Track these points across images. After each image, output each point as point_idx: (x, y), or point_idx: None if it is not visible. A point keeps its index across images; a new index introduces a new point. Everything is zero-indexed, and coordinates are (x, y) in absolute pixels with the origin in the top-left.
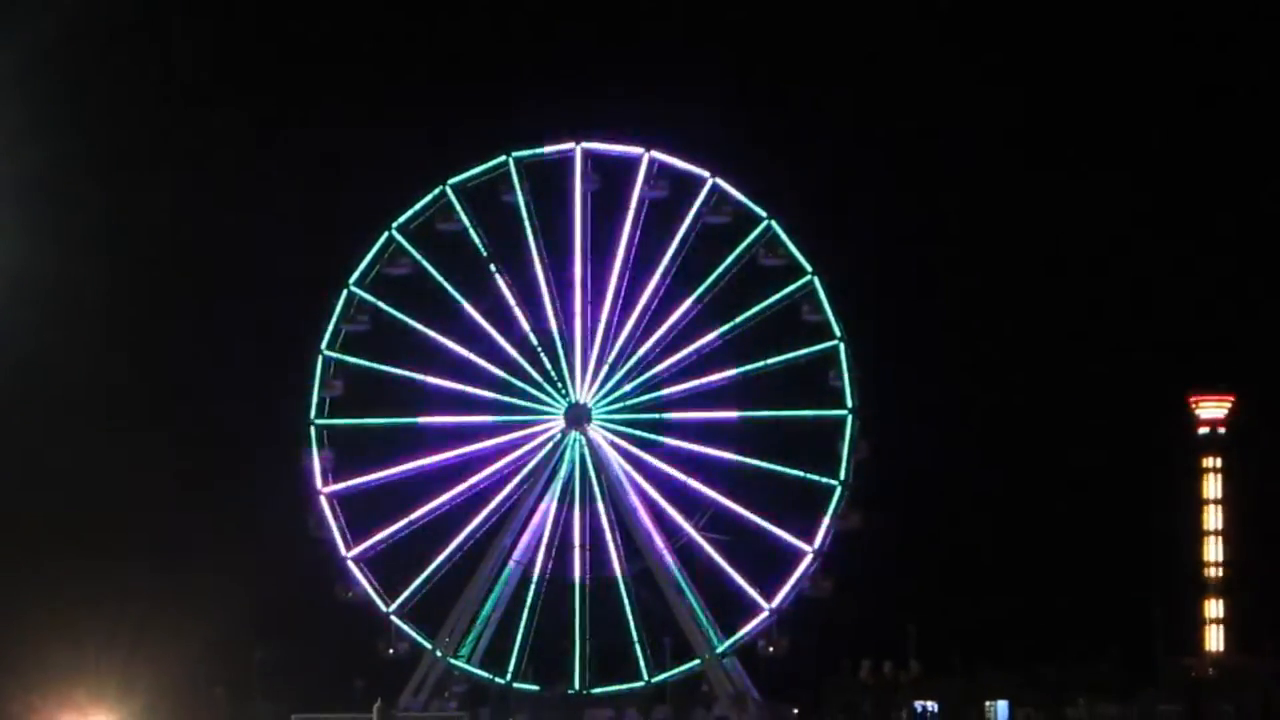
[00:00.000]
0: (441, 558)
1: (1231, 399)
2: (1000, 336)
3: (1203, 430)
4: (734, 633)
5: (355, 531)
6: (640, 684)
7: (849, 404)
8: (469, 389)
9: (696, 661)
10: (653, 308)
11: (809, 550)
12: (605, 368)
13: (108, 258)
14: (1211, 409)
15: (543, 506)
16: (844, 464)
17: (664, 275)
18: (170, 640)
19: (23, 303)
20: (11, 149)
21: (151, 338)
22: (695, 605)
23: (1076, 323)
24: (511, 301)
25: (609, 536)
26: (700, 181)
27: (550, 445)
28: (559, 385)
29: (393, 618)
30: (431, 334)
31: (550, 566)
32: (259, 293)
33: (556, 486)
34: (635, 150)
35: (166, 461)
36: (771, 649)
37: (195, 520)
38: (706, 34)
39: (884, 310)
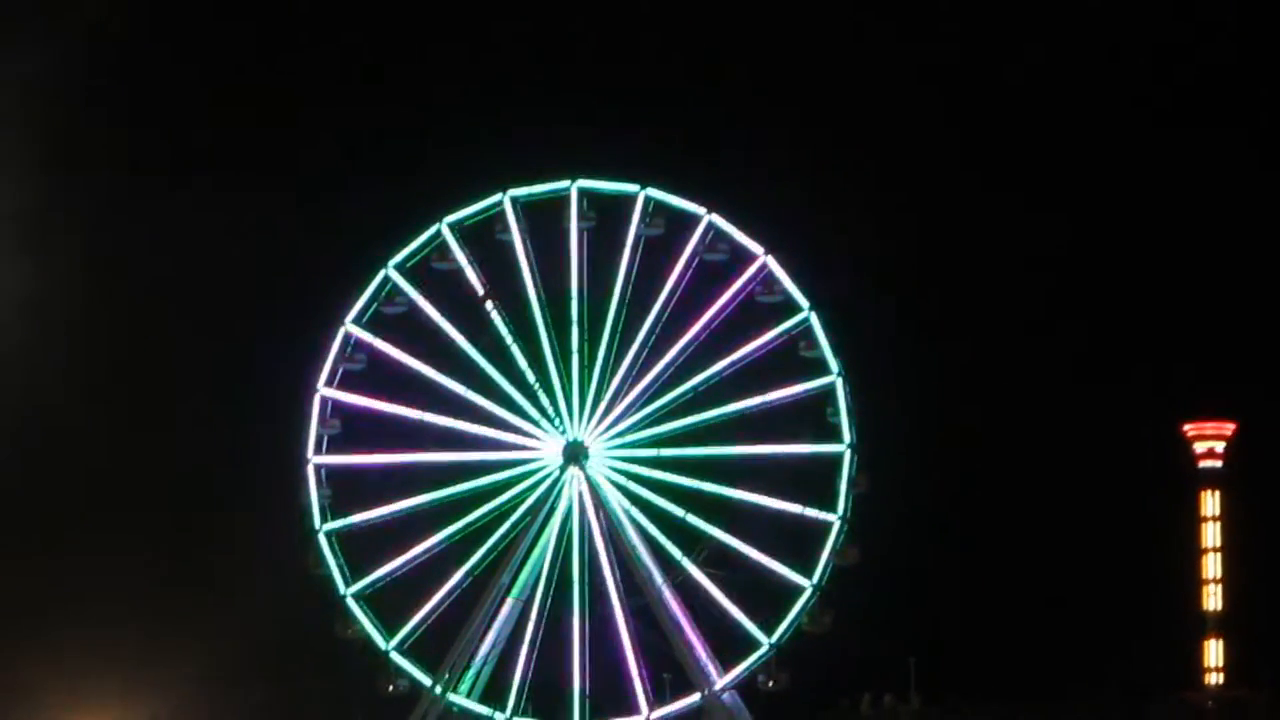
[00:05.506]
0: (440, 594)
1: (1231, 429)
2: (999, 371)
3: (1202, 464)
4: (733, 668)
5: (354, 568)
6: (640, 719)
7: (847, 439)
8: (466, 427)
9: (696, 697)
10: (650, 345)
11: (808, 585)
12: (602, 405)
13: (100, 294)
14: (1209, 441)
15: (541, 543)
16: (842, 499)
17: (660, 312)
18: (167, 677)
19: (15, 336)
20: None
21: (147, 376)
22: (694, 640)
23: (1077, 356)
24: (508, 339)
25: (607, 572)
26: (696, 219)
27: (548, 482)
28: (556, 422)
29: (392, 654)
30: (428, 372)
31: (549, 603)
32: (256, 331)
33: (554, 523)
34: (631, 188)
35: (164, 500)
36: (771, 684)
37: (192, 558)
38: (702, 71)
39: (882, 345)
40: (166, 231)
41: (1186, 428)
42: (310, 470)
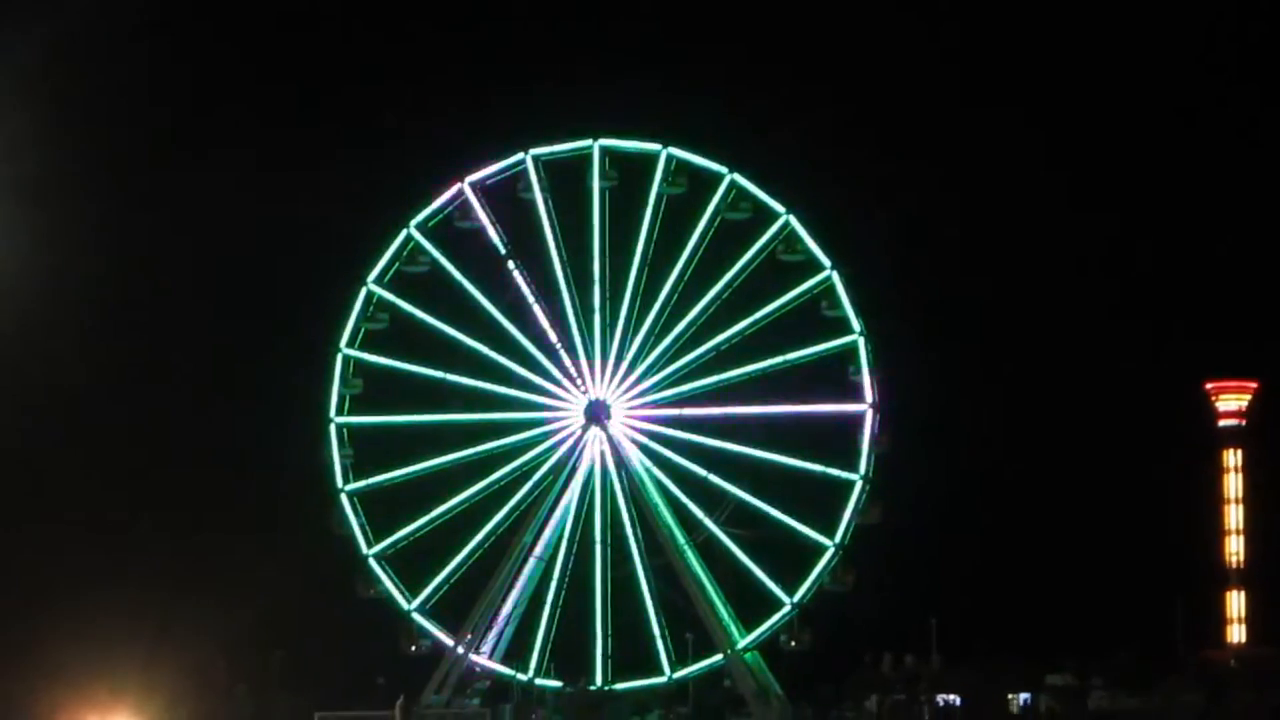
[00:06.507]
0: (462, 555)
1: (1254, 387)
2: (1020, 329)
3: (1223, 422)
4: (756, 627)
5: (376, 529)
6: (662, 679)
7: (869, 398)
8: (488, 386)
9: (719, 657)
10: (671, 304)
11: (830, 544)
12: (624, 364)
13: (124, 256)
14: (1231, 400)
15: (563, 503)
16: (864, 458)
17: (682, 271)
18: (191, 638)
19: (37, 300)
20: (34, 140)
21: (170, 337)
22: (717, 600)
23: (1097, 314)
24: (530, 299)
25: (630, 532)
26: (718, 178)
27: (570, 441)
28: (578, 382)
29: (414, 615)
30: (451, 331)
31: (571, 563)
32: (279, 291)
33: (576, 483)
34: (653, 147)
35: (187, 460)
36: (793, 643)
37: (216, 519)
38: (725, 29)
39: (903, 305)
40: (190, 195)
41: (1209, 386)
42: (333, 430)
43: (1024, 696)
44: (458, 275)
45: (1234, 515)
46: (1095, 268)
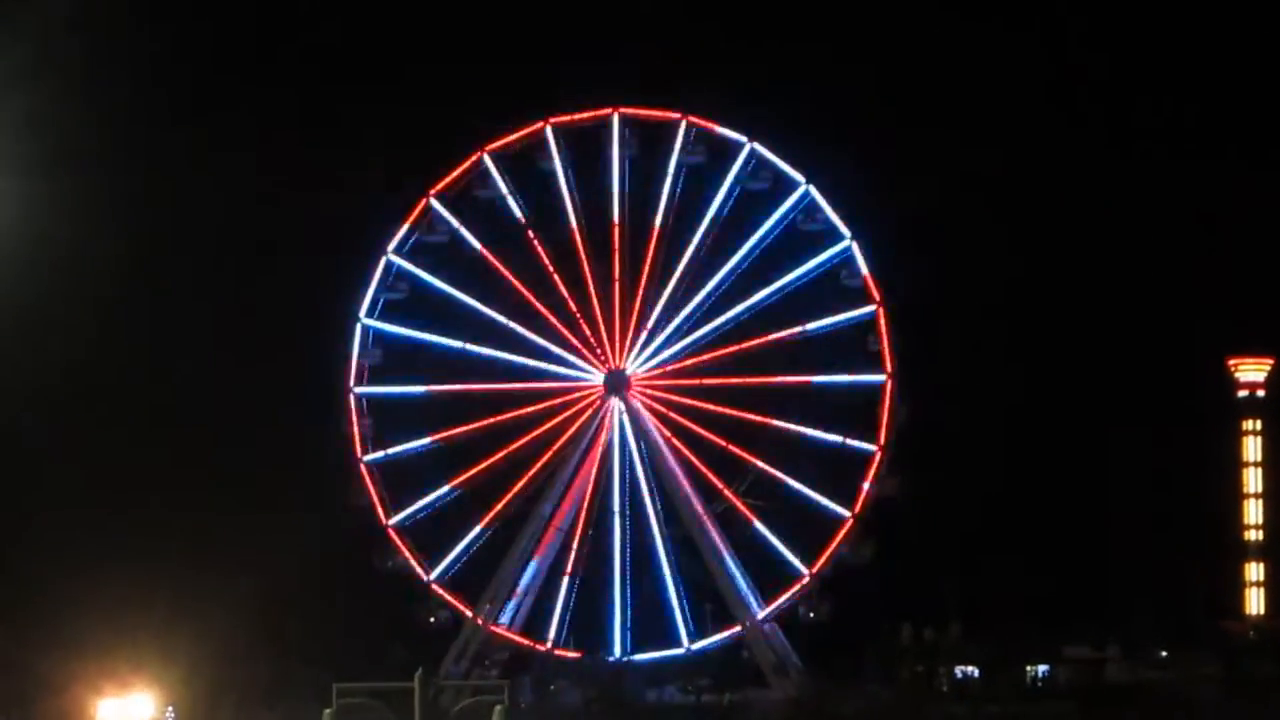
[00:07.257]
0: (481, 525)
1: (1271, 362)
2: (1041, 299)
3: (1242, 393)
4: (774, 599)
5: (395, 499)
6: (681, 651)
7: (888, 369)
8: (508, 356)
9: (737, 628)
10: (691, 273)
11: (849, 516)
12: (644, 334)
13: (141, 226)
14: (1251, 372)
15: (582, 473)
16: (883, 429)
17: (702, 241)
18: (209, 610)
19: (53, 271)
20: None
21: (188, 306)
22: (736, 571)
23: (1118, 286)
24: (549, 268)
25: (649, 503)
26: (738, 146)
27: (589, 412)
28: (598, 352)
29: (433, 586)
30: (469, 301)
31: (590, 533)
32: (297, 261)
33: (596, 453)
34: (672, 115)
35: (204, 431)
36: (812, 615)
37: (234, 489)
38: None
39: (924, 275)
40: (208, 163)
41: (1230, 362)
42: (351, 400)
43: (1042, 668)
44: (477, 245)
45: (1253, 479)
46: (1118, 239)
